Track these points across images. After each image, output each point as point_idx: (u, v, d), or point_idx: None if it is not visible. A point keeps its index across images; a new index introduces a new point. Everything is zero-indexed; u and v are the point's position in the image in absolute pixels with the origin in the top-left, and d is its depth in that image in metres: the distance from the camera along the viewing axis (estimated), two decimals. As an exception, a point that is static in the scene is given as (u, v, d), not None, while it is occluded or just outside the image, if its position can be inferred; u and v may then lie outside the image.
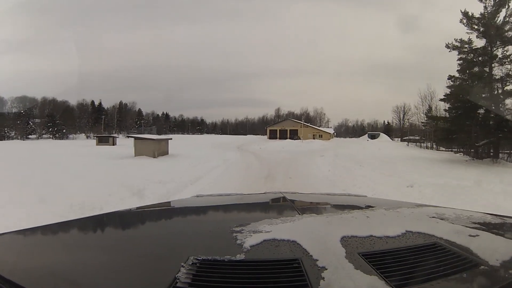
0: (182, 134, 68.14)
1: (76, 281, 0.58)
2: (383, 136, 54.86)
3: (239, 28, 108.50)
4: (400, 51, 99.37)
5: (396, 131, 66.99)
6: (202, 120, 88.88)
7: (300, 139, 40.18)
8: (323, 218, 0.99)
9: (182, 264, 0.59)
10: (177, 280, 0.54)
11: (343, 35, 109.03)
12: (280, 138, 45.87)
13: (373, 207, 1.19)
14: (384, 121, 78.74)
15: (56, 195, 5.00)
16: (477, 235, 0.78)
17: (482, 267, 0.60)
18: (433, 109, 32.27)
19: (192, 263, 0.60)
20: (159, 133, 36.31)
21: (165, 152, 15.15)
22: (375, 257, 0.63)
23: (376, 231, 0.79)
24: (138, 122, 61.61)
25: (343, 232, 0.77)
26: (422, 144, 32.31)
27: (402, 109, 59.02)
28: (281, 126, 53.44)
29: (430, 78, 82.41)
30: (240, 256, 0.64)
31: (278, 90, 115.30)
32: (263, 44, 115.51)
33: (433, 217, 0.98)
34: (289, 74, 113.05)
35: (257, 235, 0.76)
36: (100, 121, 52.51)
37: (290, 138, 42.38)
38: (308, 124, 57.17)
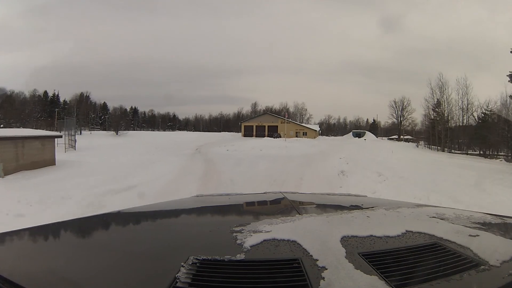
0: (152, 130, 65.77)
1: (76, 281, 0.58)
2: (369, 135, 50.67)
3: (217, 24, 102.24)
4: (380, 51, 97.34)
5: (387, 129, 62.97)
6: (174, 116, 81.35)
7: (281, 136, 34.43)
8: (323, 218, 0.99)
9: (182, 264, 0.59)
10: (177, 280, 0.54)
11: (323, 32, 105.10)
12: (257, 136, 39.46)
13: (373, 207, 1.19)
14: (367, 119, 74.90)
15: None
16: (477, 235, 0.78)
17: (482, 267, 0.60)
18: (443, 104, 28.96)
19: (192, 263, 0.60)
20: (116, 129, 33.33)
21: (45, 162, 8.94)
22: (375, 257, 0.63)
23: (376, 231, 0.79)
24: (103, 117, 58.09)
25: (343, 232, 0.77)
26: (428, 145, 29.60)
27: (401, 104, 53.08)
28: (258, 122, 45.23)
29: (410, 79, 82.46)
30: (240, 256, 0.64)
31: (257, 88, 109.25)
32: (242, 40, 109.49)
33: (433, 217, 0.98)
34: (268, 71, 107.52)
35: (257, 235, 0.76)
36: (54, 114, 43.39)
37: (269, 136, 36.86)
38: (290, 120, 48.53)
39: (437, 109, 30.69)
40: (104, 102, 65.30)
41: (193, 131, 68.51)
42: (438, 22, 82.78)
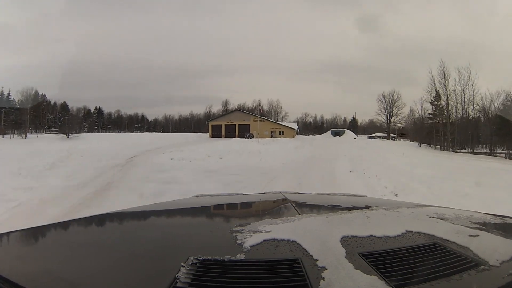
0: (118, 132, 61.47)
1: (76, 281, 0.58)
2: (349, 133, 48.72)
3: (190, 22, 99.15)
4: (358, 50, 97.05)
5: (365, 128, 59.83)
6: (143, 116, 77.14)
7: (253, 137, 29.16)
8: (323, 218, 0.99)
9: (182, 264, 0.59)
10: (177, 280, 0.54)
11: (300, 31, 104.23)
12: (226, 136, 35.22)
13: (373, 207, 1.19)
14: (344, 117, 72.08)
15: None
16: (477, 235, 0.78)
17: (482, 267, 0.60)
18: (446, 96, 25.77)
19: (192, 263, 0.60)
20: (67, 132, 30.94)
21: None
22: (375, 257, 0.63)
23: (376, 231, 0.79)
24: (62, 118, 50.19)
25: (343, 232, 0.77)
26: (429, 144, 26.85)
27: (390, 98, 47.78)
28: (227, 120, 40.37)
29: (387, 79, 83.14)
30: (240, 256, 0.64)
31: (231, 88, 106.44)
32: (216, 39, 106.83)
33: (433, 217, 0.98)
34: (243, 71, 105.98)
35: (257, 235, 0.76)
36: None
37: (240, 136, 32.51)
38: (265, 118, 43.68)
39: (436, 102, 28.03)
40: (64, 102, 58.89)
41: (162, 132, 64.52)
42: (413, 23, 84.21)
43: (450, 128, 25.31)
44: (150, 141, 25.33)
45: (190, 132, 53.99)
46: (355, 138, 39.20)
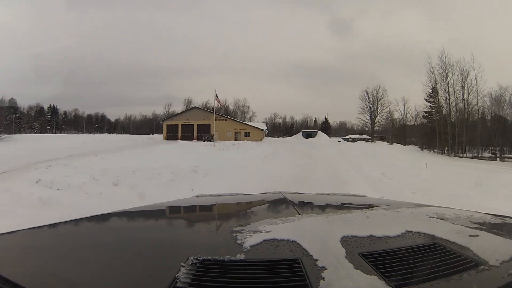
0: (75, 133, 56.26)
1: (76, 281, 0.58)
2: (321, 135, 45.53)
3: (156, 19, 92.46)
4: (330, 53, 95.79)
5: (336, 130, 56.50)
6: (102, 116, 70.11)
7: (212, 139, 23.45)
8: (323, 218, 0.99)
9: (182, 264, 0.59)
10: (177, 280, 0.54)
11: (270, 33, 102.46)
12: (183, 138, 30.88)
13: (373, 207, 1.19)
14: (315, 119, 67.87)
15: None
16: (477, 235, 0.78)
17: (482, 267, 0.60)
18: (442, 92, 21.50)
19: (192, 263, 0.60)
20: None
21: None
22: (375, 257, 0.63)
23: (376, 231, 0.79)
24: (8, 117, 44.32)
25: (343, 232, 0.77)
26: (430, 148, 22.32)
27: (375, 94, 42.44)
28: (184, 119, 34.68)
29: (359, 82, 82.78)
30: (240, 256, 0.64)
31: (198, 88, 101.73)
32: (182, 39, 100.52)
33: (433, 217, 0.98)
34: (210, 71, 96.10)
35: (257, 235, 0.76)
36: None
37: (198, 138, 28.87)
38: (228, 117, 38.83)
39: (432, 99, 24.55)
40: (12, 98, 50.97)
41: (123, 133, 58.66)
42: (383, 28, 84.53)
43: (458, 128, 21.38)
44: (82, 145, 19.56)
45: (153, 134, 48.77)
46: (339, 141, 34.38)
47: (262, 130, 37.20)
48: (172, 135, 33.53)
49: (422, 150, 23.75)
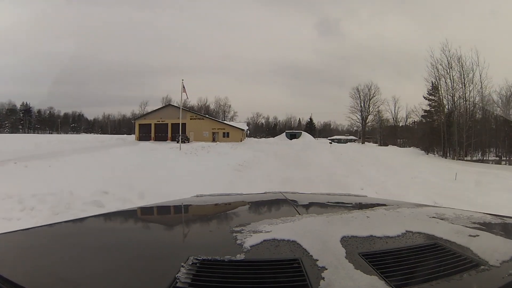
0: (49, 132, 53.46)
1: (76, 281, 0.58)
2: (306, 136, 44.18)
3: (133, 18, 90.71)
4: (315, 54, 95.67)
5: (320, 130, 54.81)
6: (80, 115, 67.21)
7: (188, 140, 22.29)
8: (323, 218, 0.99)
9: (182, 264, 0.59)
10: (177, 280, 0.54)
11: (254, 33, 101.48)
12: (156, 139, 28.88)
13: (373, 207, 1.19)
14: (299, 119, 66.40)
15: None
16: (477, 235, 0.78)
17: (482, 267, 0.60)
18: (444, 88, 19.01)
19: (192, 263, 0.60)
20: None
21: None
22: (375, 257, 0.63)
23: (376, 231, 0.79)
24: None
25: (343, 232, 0.77)
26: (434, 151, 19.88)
27: (367, 92, 39.95)
28: (158, 118, 31.60)
29: (341, 83, 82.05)
30: (240, 256, 0.64)
31: (176, 88, 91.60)
32: (165, 38, 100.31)
33: (433, 217, 0.98)
34: (189, 70, 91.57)
35: (257, 235, 0.76)
36: None
37: (172, 139, 26.14)
38: (206, 116, 36.10)
39: (432, 97, 22.52)
40: None
41: (100, 133, 57.38)
42: (369, 30, 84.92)
43: (466, 129, 18.58)
44: (34, 147, 16.39)
45: (130, 134, 43.74)
46: (330, 143, 31.82)
47: (243, 130, 34.97)
48: (144, 135, 30.76)
49: (427, 154, 21.37)
